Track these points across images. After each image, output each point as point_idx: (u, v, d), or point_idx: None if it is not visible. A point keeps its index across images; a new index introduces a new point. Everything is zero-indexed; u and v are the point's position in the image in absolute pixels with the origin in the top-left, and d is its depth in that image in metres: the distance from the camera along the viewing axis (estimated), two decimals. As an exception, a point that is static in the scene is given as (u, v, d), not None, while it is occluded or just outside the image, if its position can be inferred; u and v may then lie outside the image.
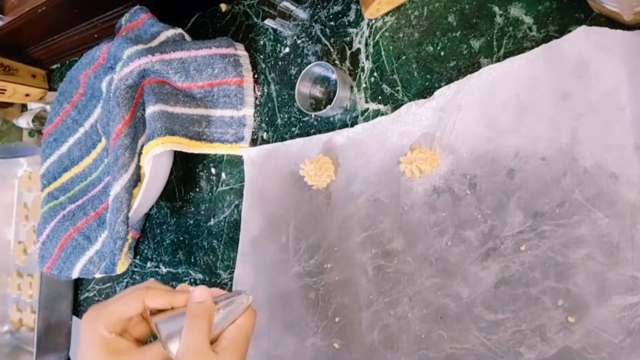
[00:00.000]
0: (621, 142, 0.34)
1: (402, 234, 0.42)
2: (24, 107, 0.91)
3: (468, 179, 0.40)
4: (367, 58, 0.48)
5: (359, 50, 0.48)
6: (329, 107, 0.46)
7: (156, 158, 0.53)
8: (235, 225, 0.55)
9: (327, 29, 0.51)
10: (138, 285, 0.35)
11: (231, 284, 0.53)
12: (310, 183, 0.47)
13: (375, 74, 0.47)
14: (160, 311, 0.34)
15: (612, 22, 0.35)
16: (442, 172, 0.41)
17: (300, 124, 0.52)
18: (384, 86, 0.46)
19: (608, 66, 0.34)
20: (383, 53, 0.46)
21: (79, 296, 0.72)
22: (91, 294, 0.70)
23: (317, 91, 0.51)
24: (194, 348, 0.31)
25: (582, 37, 0.35)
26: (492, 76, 0.39)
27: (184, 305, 0.34)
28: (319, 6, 0.52)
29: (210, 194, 0.58)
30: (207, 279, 0.56)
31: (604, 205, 0.34)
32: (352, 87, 0.48)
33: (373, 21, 0.47)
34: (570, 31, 0.36)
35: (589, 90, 0.35)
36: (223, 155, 0.58)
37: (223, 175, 0.57)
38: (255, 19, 0.57)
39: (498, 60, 0.40)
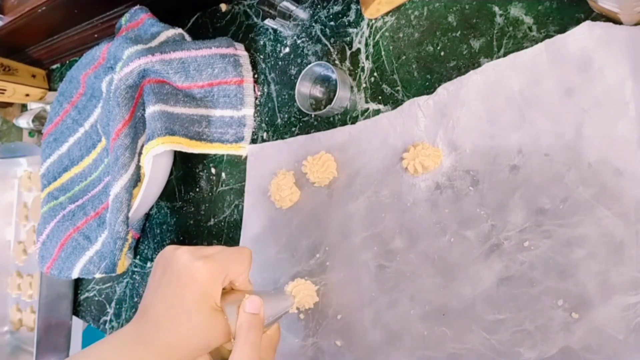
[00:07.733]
0: (625, 137, 0.33)
1: (404, 231, 0.42)
2: (24, 107, 0.91)
3: (471, 175, 0.40)
4: (367, 58, 0.48)
5: (359, 50, 0.48)
6: (329, 107, 0.46)
7: (156, 158, 0.53)
8: (235, 225, 0.55)
9: (327, 29, 0.51)
10: (242, 249, 0.37)
11: (231, 284, 0.53)
12: (312, 180, 0.47)
13: (375, 74, 0.47)
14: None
15: (613, 22, 0.35)
16: (445, 169, 0.41)
17: (300, 124, 0.52)
18: (384, 86, 0.46)
19: (612, 61, 0.34)
20: (383, 53, 0.46)
21: (79, 296, 0.72)
22: (91, 294, 0.70)
23: (317, 91, 0.51)
24: None
25: (586, 32, 0.35)
26: (496, 72, 0.39)
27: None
28: (319, 6, 0.52)
29: (210, 194, 0.58)
30: (207, 279, 0.56)
31: (608, 201, 0.33)
32: (352, 87, 0.48)
33: (373, 21, 0.47)
34: (570, 31, 0.37)
35: (593, 85, 0.35)
36: (223, 155, 0.58)
37: (223, 175, 0.57)
38: (255, 19, 0.57)
39: (498, 60, 0.40)
